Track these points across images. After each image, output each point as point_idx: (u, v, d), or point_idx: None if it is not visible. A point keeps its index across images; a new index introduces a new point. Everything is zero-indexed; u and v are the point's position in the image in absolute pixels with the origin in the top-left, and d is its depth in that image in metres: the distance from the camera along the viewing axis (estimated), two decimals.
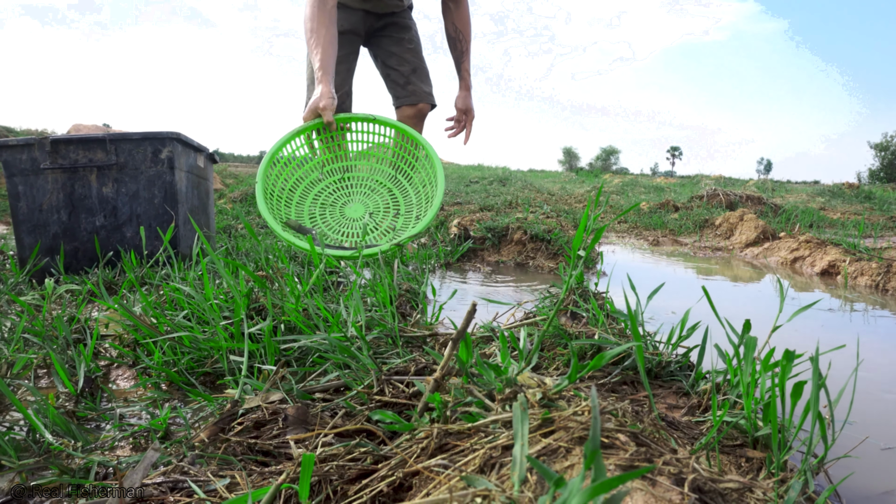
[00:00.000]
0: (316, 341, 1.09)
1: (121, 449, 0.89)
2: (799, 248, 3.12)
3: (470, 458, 0.54)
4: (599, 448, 0.32)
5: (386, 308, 1.28)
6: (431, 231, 3.15)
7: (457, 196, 5.91)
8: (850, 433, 0.93)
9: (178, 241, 2.33)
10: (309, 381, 1.03)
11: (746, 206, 5.80)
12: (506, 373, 0.63)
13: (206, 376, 1.16)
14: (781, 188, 10.80)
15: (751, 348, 0.79)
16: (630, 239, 4.18)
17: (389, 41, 2.84)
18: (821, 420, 0.62)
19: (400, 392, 0.88)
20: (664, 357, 1.09)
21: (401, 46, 2.86)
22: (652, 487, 0.44)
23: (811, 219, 5.00)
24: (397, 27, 2.86)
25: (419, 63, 2.89)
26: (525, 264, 2.62)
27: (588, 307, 1.20)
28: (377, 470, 0.64)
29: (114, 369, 1.25)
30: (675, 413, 0.96)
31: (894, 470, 0.84)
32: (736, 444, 0.81)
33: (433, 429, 0.62)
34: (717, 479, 0.48)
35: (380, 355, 1.11)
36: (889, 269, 2.42)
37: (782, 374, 0.71)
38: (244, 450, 0.81)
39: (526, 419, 0.44)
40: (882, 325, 1.75)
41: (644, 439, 0.52)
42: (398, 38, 2.85)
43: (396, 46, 2.85)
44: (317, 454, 0.69)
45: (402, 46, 2.86)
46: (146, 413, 1.02)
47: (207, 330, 1.22)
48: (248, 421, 0.88)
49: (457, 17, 2.87)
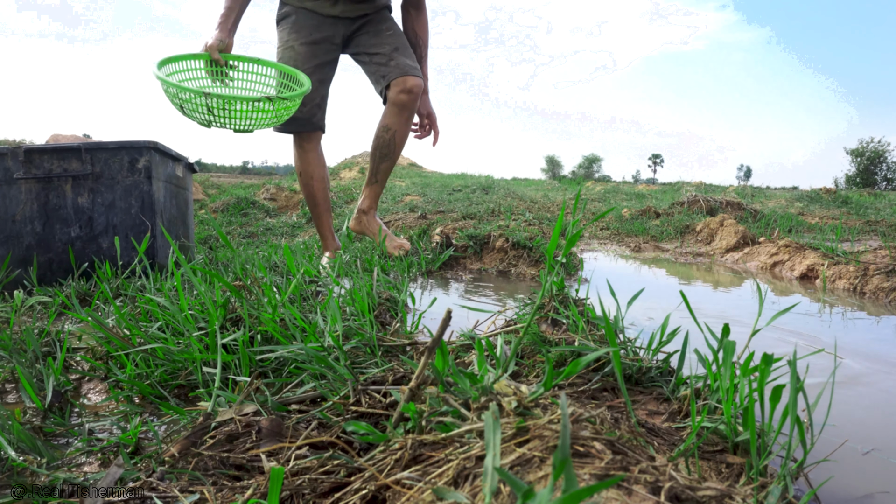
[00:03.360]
0: (292, 352, 1.08)
1: (89, 465, 0.86)
2: (778, 252, 3.15)
3: (443, 469, 0.52)
4: (569, 457, 0.31)
5: (365, 317, 1.26)
6: (414, 239, 3.14)
7: (440, 204, 5.90)
8: (831, 437, 0.93)
9: (155, 251, 2.30)
10: (285, 393, 1.01)
11: (727, 211, 5.86)
12: (481, 381, 0.62)
13: (181, 389, 1.13)
14: (761, 194, 10.93)
15: (729, 353, 0.79)
16: (612, 246, 4.20)
17: (368, 36, 2.75)
18: (799, 424, 0.61)
19: (377, 402, 0.87)
20: (644, 363, 1.08)
21: (379, 37, 2.75)
22: (628, 497, 0.43)
23: (790, 224, 5.06)
24: (374, 23, 2.78)
25: (401, 42, 2.77)
26: (507, 272, 2.61)
27: (568, 314, 1.19)
28: (350, 483, 0.62)
29: (85, 383, 1.22)
30: (656, 419, 0.95)
31: (874, 473, 0.84)
32: (716, 449, 0.80)
33: (407, 440, 0.61)
34: (695, 486, 0.47)
35: (358, 365, 1.09)
36: (866, 273, 2.45)
37: (761, 378, 0.71)
38: (216, 464, 0.79)
39: (498, 429, 0.43)
40: (860, 326, 1.77)
41: (621, 447, 0.50)
42: (376, 31, 2.76)
43: (375, 38, 2.75)
44: (289, 467, 0.67)
45: (380, 37, 2.76)
46: (117, 428, 0.99)
47: (182, 341, 1.19)
48: (220, 434, 0.86)
49: (417, 24, 2.88)
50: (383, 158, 2.75)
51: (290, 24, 2.64)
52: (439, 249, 2.77)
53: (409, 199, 6.97)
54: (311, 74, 2.60)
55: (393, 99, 2.66)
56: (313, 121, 2.70)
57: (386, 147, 2.72)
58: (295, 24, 2.63)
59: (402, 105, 2.65)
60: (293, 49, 2.62)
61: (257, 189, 8.62)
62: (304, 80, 2.41)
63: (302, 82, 2.40)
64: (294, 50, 2.62)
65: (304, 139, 2.74)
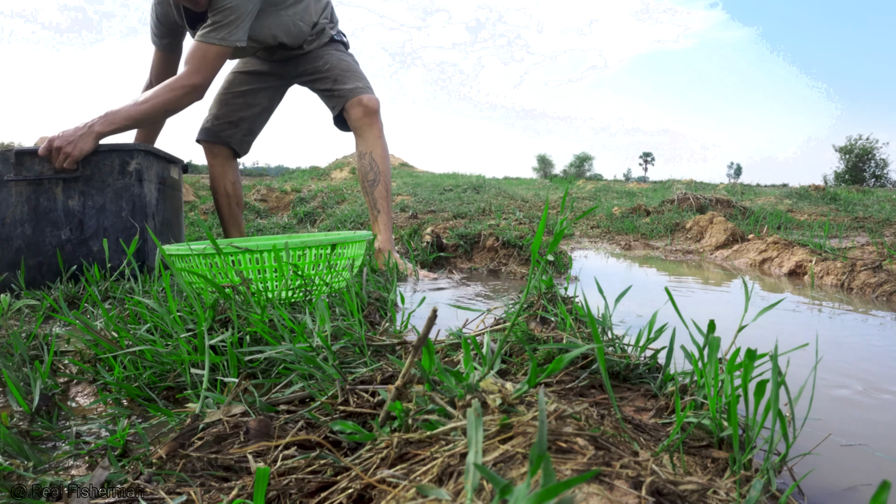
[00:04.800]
0: (281, 352, 1.08)
1: (76, 468, 0.86)
2: (767, 249, 3.17)
3: (428, 467, 0.53)
4: (546, 452, 0.32)
5: (354, 317, 1.26)
6: (405, 239, 3.14)
7: (430, 204, 5.91)
8: (816, 431, 0.94)
9: (145, 254, 2.29)
10: (274, 394, 1.01)
11: (716, 209, 5.89)
12: (467, 379, 0.62)
13: (169, 391, 1.13)
14: (750, 191, 10.99)
15: (714, 349, 0.80)
16: (602, 244, 4.21)
17: (311, 79, 2.81)
18: (781, 418, 0.62)
19: (365, 402, 0.87)
20: (632, 360, 1.09)
21: (318, 71, 2.78)
22: (609, 492, 0.43)
23: (779, 221, 5.09)
24: (312, 60, 2.81)
25: (338, 73, 2.75)
26: (498, 270, 2.62)
27: (556, 312, 1.20)
28: (337, 482, 0.63)
29: (73, 386, 1.22)
30: (643, 415, 0.96)
31: (856, 466, 0.85)
32: (702, 445, 0.81)
33: (393, 438, 0.61)
34: (677, 481, 0.47)
35: (347, 365, 1.09)
36: (853, 269, 2.47)
37: (745, 374, 0.71)
38: (204, 465, 0.79)
39: (480, 425, 0.43)
40: (848, 322, 1.78)
41: (604, 443, 0.51)
42: (314, 68, 2.79)
43: (317, 73, 2.78)
44: (275, 467, 0.68)
45: (319, 70, 2.78)
46: (105, 430, 0.99)
47: (170, 343, 1.19)
48: (208, 435, 0.86)
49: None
50: (374, 184, 2.69)
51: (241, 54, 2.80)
52: (430, 249, 2.77)
53: (400, 198, 6.97)
54: (237, 96, 2.82)
55: (355, 124, 2.68)
56: (221, 135, 2.85)
57: (370, 171, 2.68)
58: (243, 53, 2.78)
59: (366, 126, 2.66)
60: (233, 74, 2.86)
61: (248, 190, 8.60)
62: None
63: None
64: (234, 75, 2.86)
65: (210, 150, 2.91)
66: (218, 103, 2.87)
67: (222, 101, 2.85)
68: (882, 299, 2.16)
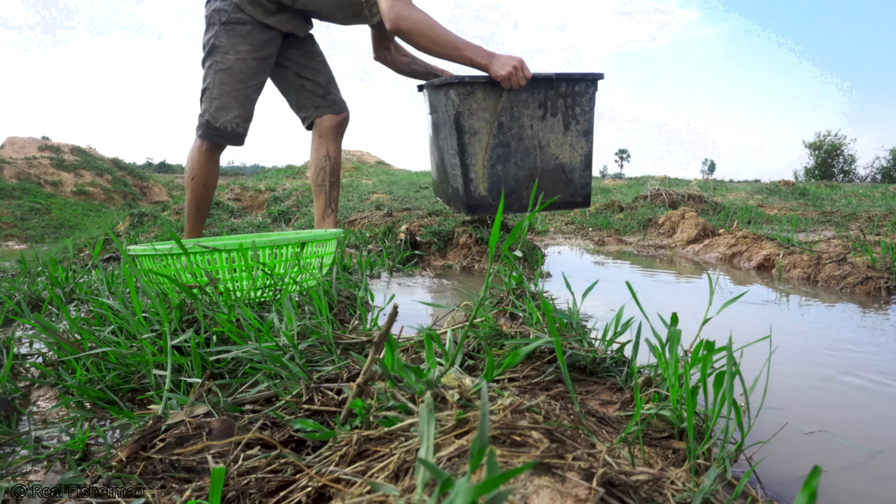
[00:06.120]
0: (247, 352, 1.06)
1: (34, 474, 0.84)
2: (737, 243, 3.22)
3: (385, 463, 0.52)
4: (487, 444, 0.32)
5: (322, 315, 1.25)
6: (379, 237, 3.13)
7: (406, 202, 5.90)
8: (777, 420, 0.96)
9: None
10: (240, 394, 1.00)
11: (688, 204, 5.97)
12: (427, 374, 0.62)
13: (134, 393, 1.11)
14: (723, 187, 11.15)
15: (675, 341, 0.80)
16: (576, 240, 4.24)
17: (299, 53, 2.80)
18: (736, 408, 0.63)
19: (330, 400, 0.86)
20: (599, 353, 1.10)
21: (312, 59, 2.84)
22: (560, 484, 0.44)
23: (749, 215, 5.17)
24: (306, 42, 2.85)
25: (332, 75, 2.92)
26: (471, 267, 2.62)
27: (524, 307, 1.21)
28: (297, 481, 0.62)
29: (35, 390, 1.19)
30: (609, 409, 0.97)
31: (815, 453, 0.86)
32: (663, 436, 0.82)
33: (353, 436, 0.61)
34: (629, 471, 0.48)
35: (314, 363, 1.09)
36: (819, 262, 2.52)
37: (703, 366, 0.72)
38: (166, 467, 0.78)
39: (432, 420, 0.43)
40: (812, 314, 1.82)
41: (559, 436, 0.51)
42: (308, 51, 2.83)
43: (307, 59, 2.83)
44: (235, 467, 0.67)
45: (313, 59, 2.85)
46: (66, 434, 0.97)
47: (135, 344, 1.17)
48: (171, 437, 0.84)
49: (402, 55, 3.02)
50: (333, 186, 2.89)
51: (244, 35, 2.60)
52: (404, 247, 2.77)
53: (375, 196, 6.94)
54: (256, 90, 2.70)
55: (330, 129, 2.85)
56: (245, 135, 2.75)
57: (332, 175, 2.88)
58: (249, 35, 2.60)
59: (337, 134, 2.88)
60: (245, 62, 2.63)
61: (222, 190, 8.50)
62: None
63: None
64: (246, 63, 2.63)
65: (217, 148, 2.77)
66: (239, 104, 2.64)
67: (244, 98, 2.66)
68: (846, 291, 2.21)
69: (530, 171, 2.51)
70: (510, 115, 2.40)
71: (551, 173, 2.56)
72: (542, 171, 2.54)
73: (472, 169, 2.41)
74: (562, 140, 2.54)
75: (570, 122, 2.54)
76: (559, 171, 2.57)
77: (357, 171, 12.99)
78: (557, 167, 2.56)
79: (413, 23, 2.29)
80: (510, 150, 2.45)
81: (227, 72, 2.57)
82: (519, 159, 2.48)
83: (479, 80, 2.34)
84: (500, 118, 2.40)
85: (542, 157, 2.53)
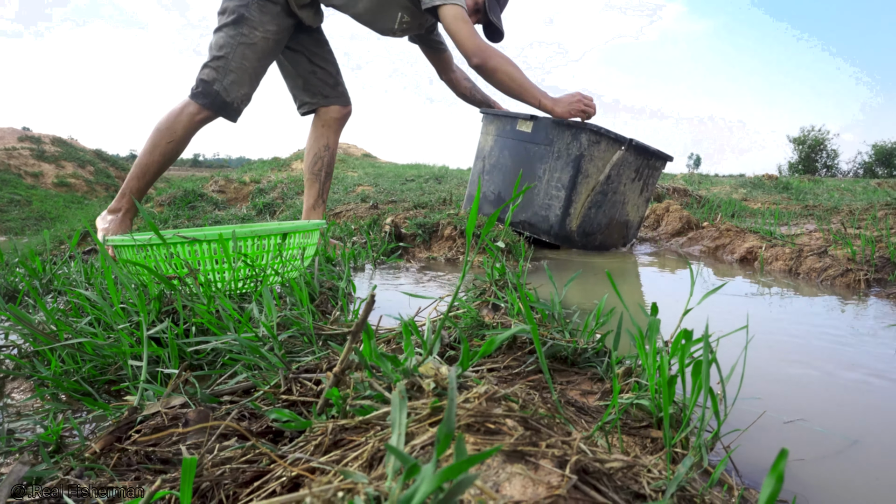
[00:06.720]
0: (226, 343, 1.05)
1: (6, 466, 0.83)
2: (721, 236, 3.24)
3: (359, 452, 0.52)
4: (453, 431, 0.31)
5: (304, 305, 1.24)
6: (364, 229, 3.12)
7: (392, 194, 5.88)
8: (755, 409, 0.96)
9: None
10: (218, 385, 0.99)
11: (673, 197, 6.00)
12: (404, 363, 0.62)
13: (111, 384, 1.10)
14: (707, 181, 11.22)
15: (654, 330, 0.80)
16: None
17: (311, 41, 2.82)
18: (713, 396, 0.63)
19: (308, 390, 0.86)
20: (581, 344, 1.10)
21: (322, 48, 2.87)
22: (533, 472, 0.43)
23: (733, 209, 5.21)
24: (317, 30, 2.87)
25: (338, 65, 2.94)
26: (455, 259, 2.62)
27: (506, 298, 1.20)
28: (272, 471, 0.61)
29: (9, 382, 1.17)
30: (589, 398, 0.97)
31: (792, 441, 0.87)
32: (642, 425, 0.82)
33: (328, 425, 0.60)
34: (603, 459, 0.48)
35: (294, 354, 1.08)
36: (800, 254, 2.54)
37: (681, 355, 0.73)
38: (141, 459, 0.77)
39: (405, 408, 0.42)
40: (793, 305, 1.83)
41: (534, 424, 0.51)
42: (318, 39, 2.85)
43: (318, 47, 2.85)
44: (210, 457, 0.66)
45: (323, 48, 2.88)
46: (40, 427, 0.95)
47: (112, 335, 1.16)
48: (146, 428, 0.83)
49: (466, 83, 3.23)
50: (328, 177, 2.94)
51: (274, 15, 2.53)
52: (388, 239, 2.75)
53: (361, 189, 6.91)
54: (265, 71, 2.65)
55: (335, 120, 2.88)
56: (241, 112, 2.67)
57: (328, 166, 2.92)
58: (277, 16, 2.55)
59: (340, 126, 2.92)
60: (268, 42, 2.55)
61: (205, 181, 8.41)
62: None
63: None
64: (268, 43, 2.56)
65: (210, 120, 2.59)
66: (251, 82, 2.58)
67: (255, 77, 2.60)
68: (826, 283, 2.23)
69: (609, 221, 2.89)
70: (618, 170, 2.73)
71: (620, 226, 2.97)
72: (616, 223, 2.94)
73: (574, 206, 2.74)
74: (636, 201, 2.95)
75: (644, 189, 2.97)
76: (624, 225, 3.00)
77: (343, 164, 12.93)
78: (624, 222, 2.99)
79: (497, 62, 2.52)
80: (605, 200, 2.79)
81: (252, 48, 2.50)
82: (608, 209, 2.84)
83: (607, 133, 2.61)
84: (611, 171, 2.71)
85: (620, 212, 2.92)
